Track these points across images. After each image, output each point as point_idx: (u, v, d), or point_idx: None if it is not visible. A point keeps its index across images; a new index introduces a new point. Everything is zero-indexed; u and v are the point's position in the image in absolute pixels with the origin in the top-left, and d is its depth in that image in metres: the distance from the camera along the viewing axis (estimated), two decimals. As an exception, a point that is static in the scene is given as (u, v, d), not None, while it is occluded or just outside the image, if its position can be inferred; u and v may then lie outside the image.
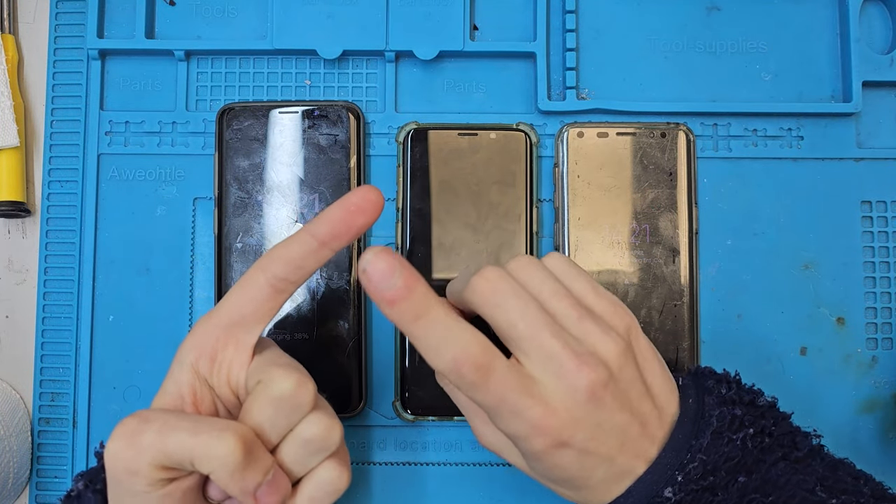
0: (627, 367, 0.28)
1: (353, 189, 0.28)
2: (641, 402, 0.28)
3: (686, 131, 0.38)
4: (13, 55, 0.40)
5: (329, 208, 0.27)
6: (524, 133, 0.38)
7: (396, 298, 0.25)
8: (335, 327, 0.37)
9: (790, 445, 0.29)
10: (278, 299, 0.28)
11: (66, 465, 0.38)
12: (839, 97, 0.40)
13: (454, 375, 0.26)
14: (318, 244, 0.27)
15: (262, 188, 0.38)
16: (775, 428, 0.29)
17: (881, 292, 0.38)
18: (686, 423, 0.28)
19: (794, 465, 0.28)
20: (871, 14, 0.40)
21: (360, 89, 0.40)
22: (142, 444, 0.25)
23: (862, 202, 0.39)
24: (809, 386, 0.38)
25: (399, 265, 0.25)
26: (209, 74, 0.40)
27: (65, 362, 0.38)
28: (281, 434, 0.27)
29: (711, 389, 0.29)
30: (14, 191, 0.39)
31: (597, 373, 0.27)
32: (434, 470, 0.38)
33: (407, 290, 0.25)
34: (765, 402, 0.30)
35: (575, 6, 0.39)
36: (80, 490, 0.28)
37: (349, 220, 0.27)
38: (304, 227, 0.28)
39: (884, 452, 0.38)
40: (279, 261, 0.28)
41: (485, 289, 0.27)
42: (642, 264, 0.37)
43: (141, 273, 0.38)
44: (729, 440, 0.28)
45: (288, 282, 0.28)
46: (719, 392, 0.29)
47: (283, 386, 0.26)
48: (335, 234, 0.27)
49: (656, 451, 0.28)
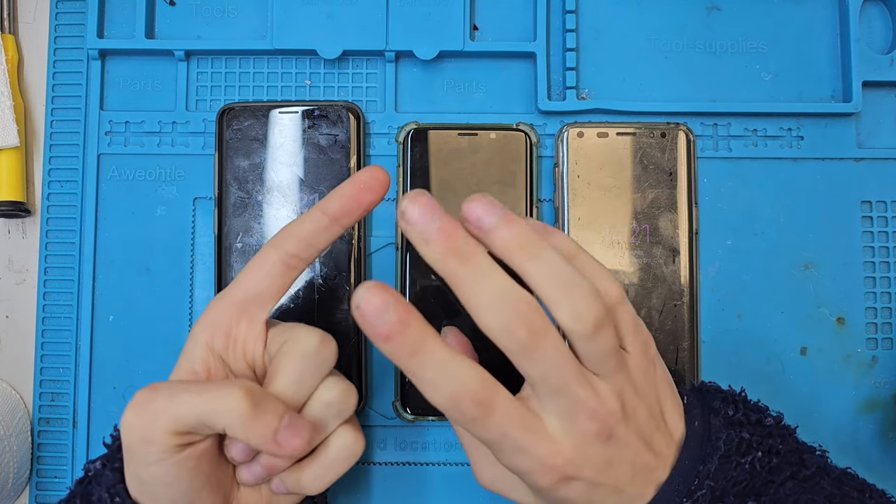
0: (643, 401, 0.27)
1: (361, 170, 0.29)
2: (654, 434, 0.28)
3: (686, 131, 0.38)
4: (13, 55, 0.40)
5: (340, 186, 0.29)
6: (524, 133, 0.38)
7: (391, 334, 0.24)
8: (335, 327, 0.37)
9: (798, 464, 0.29)
10: (290, 276, 0.29)
11: (66, 465, 0.38)
12: (839, 97, 0.40)
13: (453, 412, 0.25)
14: (329, 221, 0.29)
15: (262, 188, 0.38)
16: (783, 446, 0.29)
17: (881, 292, 0.38)
18: (693, 446, 0.28)
19: (803, 485, 0.28)
20: (871, 14, 0.40)
21: (360, 89, 0.40)
22: (154, 411, 0.26)
23: (862, 202, 0.39)
24: (809, 386, 0.38)
25: (393, 300, 0.24)
26: (209, 74, 0.40)
27: (65, 362, 0.38)
28: (307, 392, 0.28)
29: (718, 410, 0.29)
30: (14, 191, 0.39)
31: (611, 414, 0.26)
32: (434, 470, 0.38)
33: (401, 325, 0.24)
34: (771, 420, 0.29)
35: (575, 6, 0.39)
36: (97, 469, 0.29)
37: (359, 197, 0.28)
38: (315, 205, 0.29)
39: (884, 452, 0.38)
40: (292, 238, 0.29)
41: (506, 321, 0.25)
42: (642, 264, 0.37)
43: (141, 273, 0.38)
44: (737, 464, 0.27)
45: (299, 259, 0.29)
46: (726, 413, 0.29)
47: (308, 341, 0.28)
48: (345, 211, 0.29)
49: (665, 475, 0.27)
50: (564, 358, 0.25)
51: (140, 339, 0.38)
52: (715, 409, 0.29)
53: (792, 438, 0.29)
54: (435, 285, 0.31)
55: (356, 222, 0.30)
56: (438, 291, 0.37)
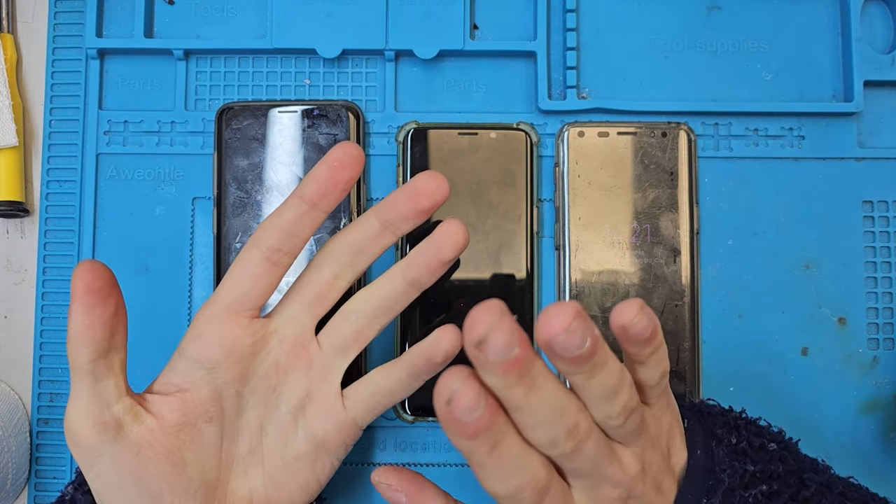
0: (656, 450, 0.27)
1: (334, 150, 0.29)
2: (664, 478, 0.27)
3: (687, 131, 0.38)
4: (12, 54, 0.40)
5: (313, 169, 0.28)
6: (524, 132, 0.38)
7: (478, 431, 0.22)
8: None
9: (798, 485, 0.28)
10: (275, 273, 0.29)
11: (64, 465, 0.38)
12: (840, 97, 0.39)
13: (511, 500, 0.24)
14: (307, 206, 0.28)
15: (262, 188, 0.37)
16: (783, 469, 0.28)
17: (882, 292, 0.38)
18: (695, 479, 0.28)
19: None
20: (872, 13, 0.40)
21: (359, 88, 0.39)
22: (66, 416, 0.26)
23: (863, 202, 0.39)
24: (810, 386, 0.38)
25: (484, 394, 0.22)
26: (208, 74, 0.40)
27: (64, 362, 0.38)
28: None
29: (721, 438, 0.28)
30: (13, 190, 0.38)
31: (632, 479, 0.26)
32: (434, 470, 0.38)
33: (489, 423, 0.22)
34: (774, 446, 0.29)
35: (575, 5, 0.39)
36: (71, 494, 0.29)
37: (335, 176, 0.28)
38: (291, 192, 0.28)
39: (885, 453, 0.38)
40: (272, 231, 0.28)
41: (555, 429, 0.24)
42: (643, 264, 0.37)
43: (140, 273, 0.38)
44: (741, 497, 0.27)
45: (282, 253, 0.28)
46: (729, 441, 0.28)
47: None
48: (323, 193, 0.28)
49: None
50: (600, 451, 0.25)
51: (138, 339, 0.38)
52: (717, 436, 0.29)
53: (793, 457, 0.29)
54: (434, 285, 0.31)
55: (336, 204, 0.29)
56: (438, 289, 0.37)
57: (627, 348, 0.25)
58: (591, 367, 0.23)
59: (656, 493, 0.27)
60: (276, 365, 0.30)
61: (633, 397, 0.25)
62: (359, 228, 0.29)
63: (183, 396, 0.28)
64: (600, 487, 0.26)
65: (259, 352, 0.29)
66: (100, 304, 0.25)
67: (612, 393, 0.24)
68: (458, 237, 0.29)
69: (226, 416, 0.29)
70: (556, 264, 0.38)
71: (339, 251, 0.29)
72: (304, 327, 0.30)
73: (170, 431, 0.27)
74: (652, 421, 0.27)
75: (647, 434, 0.27)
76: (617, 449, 0.26)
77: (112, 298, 0.26)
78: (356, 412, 0.30)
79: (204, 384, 0.28)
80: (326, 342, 0.30)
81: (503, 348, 0.21)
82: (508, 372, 0.21)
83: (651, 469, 0.27)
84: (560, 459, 0.25)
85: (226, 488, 0.29)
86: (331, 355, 0.30)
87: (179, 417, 0.28)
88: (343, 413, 0.30)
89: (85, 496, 0.28)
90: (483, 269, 0.37)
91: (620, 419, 0.25)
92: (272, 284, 0.29)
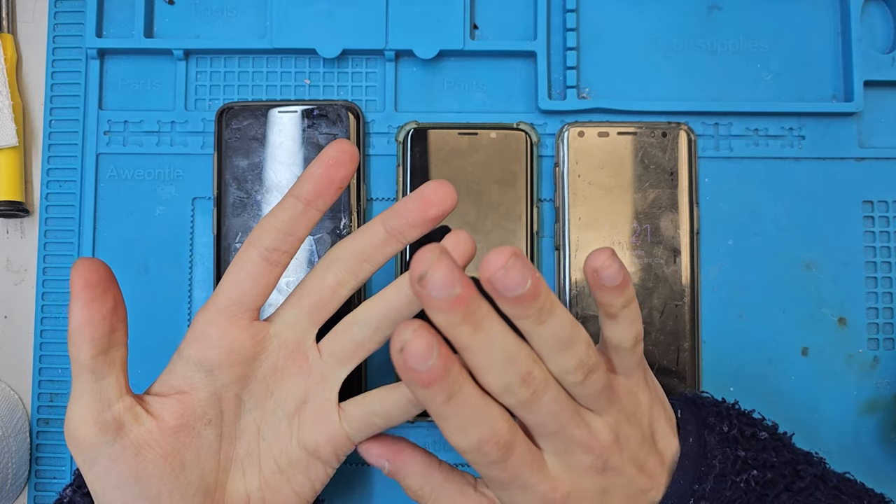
0: (635, 427, 0.27)
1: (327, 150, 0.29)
2: (648, 457, 0.28)
3: (687, 131, 0.38)
4: (12, 54, 0.40)
5: (308, 167, 0.28)
6: (524, 132, 0.38)
7: (433, 380, 0.23)
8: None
9: (792, 476, 0.29)
10: (273, 272, 0.29)
11: (64, 465, 0.38)
12: (840, 97, 0.39)
13: (475, 454, 0.25)
14: (303, 205, 0.28)
15: (262, 188, 0.37)
16: (777, 459, 0.29)
17: (883, 292, 0.38)
18: (688, 465, 0.28)
19: (797, 497, 0.28)
20: (872, 13, 0.40)
21: (359, 88, 0.39)
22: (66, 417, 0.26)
23: (863, 202, 0.39)
24: (811, 386, 0.38)
25: (437, 343, 0.22)
26: (208, 74, 0.40)
27: (64, 362, 0.38)
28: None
29: (713, 426, 0.29)
30: (12, 191, 0.38)
31: (605, 447, 0.26)
32: (434, 471, 0.37)
33: (444, 371, 0.23)
34: (766, 434, 0.29)
35: (575, 5, 0.39)
36: (69, 496, 0.29)
37: (330, 174, 0.28)
38: (287, 192, 0.29)
39: (885, 453, 0.38)
40: (268, 231, 0.28)
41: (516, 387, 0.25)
42: (643, 264, 0.37)
43: (139, 273, 0.38)
44: (732, 482, 0.27)
45: (280, 252, 0.28)
46: (721, 429, 0.29)
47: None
48: (318, 192, 0.28)
49: (659, 495, 0.28)
50: (561, 406, 0.25)
51: (138, 340, 0.38)
52: (710, 425, 0.29)
53: (787, 449, 0.29)
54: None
55: (332, 202, 0.29)
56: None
57: (599, 297, 0.26)
58: (539, 312, 0.24)
59: (638, 471, 0.27)
60: (275, 369, 0.30)
61: (590, 356, 0.25)
62: (364, 236, 0.29)
63: (182, 399, 0.28)
64: (572, 452, 0.26)
65: (258, 355, 0.29)
66: (98, 299, 0.25)
67: (564, 344, 0.25)
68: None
69: (225, 418, 0.29)
70: (556, 264, 0.38)
71: (343, 258, 0.29)
72: (304, 333, 0.30)
73: (169, 433, 0.27)
74: (625, 393, 0.28)
75: (619, 404, 0.27)
76: (586, 414, 0.26)
77: (110, 293, 0.26)
78: (351, 428, 0.30)
79: (203, 386, 0.28)
80: (327, 350, 0.30)
81: (443, 283, 0.22)
82: (452, 309, 0.22)
83: (629, 444, 0.27)
84: (519, 411, 0.25)
85: (224, 490, 0.29)
86: (330, 364, 0.30)
87: (179, 420, 0.28)
88: (337, 425, 0.30)
89: (84, 499, 0.28)
90: (483, 269, 0.37)
91: (579, 375, 0.25)
92: (270, 284, 0.29)
